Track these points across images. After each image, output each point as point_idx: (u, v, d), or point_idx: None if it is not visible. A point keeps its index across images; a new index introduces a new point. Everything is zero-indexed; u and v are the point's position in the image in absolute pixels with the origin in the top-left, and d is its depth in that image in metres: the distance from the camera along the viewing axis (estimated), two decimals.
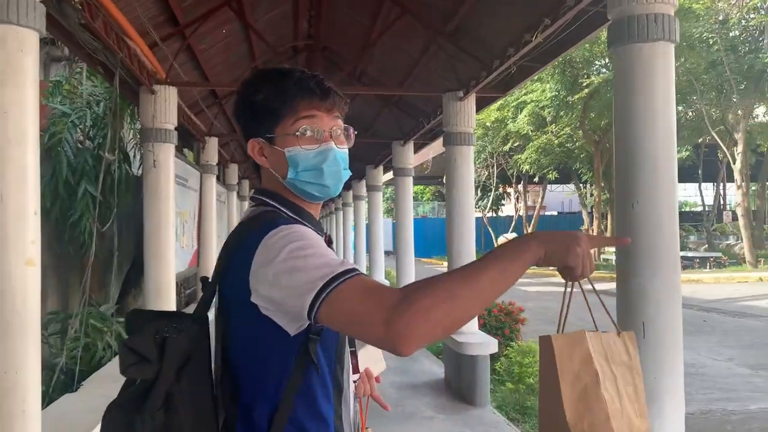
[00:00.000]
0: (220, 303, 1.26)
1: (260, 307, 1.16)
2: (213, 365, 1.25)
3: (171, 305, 5.95)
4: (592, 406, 1.18)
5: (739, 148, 21.94)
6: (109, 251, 6.42)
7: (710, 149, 30.96)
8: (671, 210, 3.00)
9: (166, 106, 5.91)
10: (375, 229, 12.87)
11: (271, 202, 1.33)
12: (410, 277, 9.78)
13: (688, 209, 52.83)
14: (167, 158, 5.95)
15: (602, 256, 27.30)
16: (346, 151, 1.38)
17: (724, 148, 22.83)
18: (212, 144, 9.20)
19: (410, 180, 10.20)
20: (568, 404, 1.18)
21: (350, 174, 1.40)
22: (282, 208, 1.32)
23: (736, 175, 22.35)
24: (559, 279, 1.20)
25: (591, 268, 1.17)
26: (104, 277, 7.61)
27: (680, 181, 26.14)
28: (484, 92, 6.43)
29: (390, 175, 11.88)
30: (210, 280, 1.29)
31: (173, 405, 1.13)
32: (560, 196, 50.89)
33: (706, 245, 31.31)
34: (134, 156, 7.97)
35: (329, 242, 1.53)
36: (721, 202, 37.93)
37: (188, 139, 9.53)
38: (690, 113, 27.04)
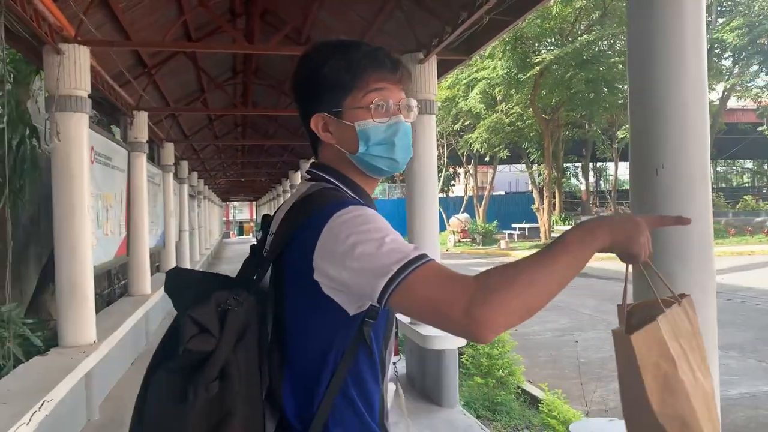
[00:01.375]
0: (276, 276, 1.25)
1: (322, 285, 1.16)
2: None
3: (88, 302, 5.10)
4: (674, 390, 1.22)
5: None
6: (23, 241, 5.52)
7: None
8: (704, 176, 2.37)
9: (76, 69, 5.00)
10: None
11: (330, 179, 1.33)
12: None
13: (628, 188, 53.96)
14: (79, 131, 5.06)
15: (553, 234, 27.31)
16: (410, 125, 1.36)
17: None
18: (141, 119, 8.24)
19: None
20: (653, 396, 1.21)
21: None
22: (341, 186, 1.32)
23: None
24: (512, 259, 1.14)
25: (650, 252, 1.19)
26: (19, 271, 6.68)
27: (625, 159, 26.08)
28: (447, 54, 5.81)
29: None
30: (264, 252, 1.30)
31: (228, 377, 1.11)
32: (508, 176, 51.02)
33: None
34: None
35: None
36: None
37: (115, 115, 8.54)
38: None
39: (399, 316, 1.43)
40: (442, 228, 34.17)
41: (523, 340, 8.45)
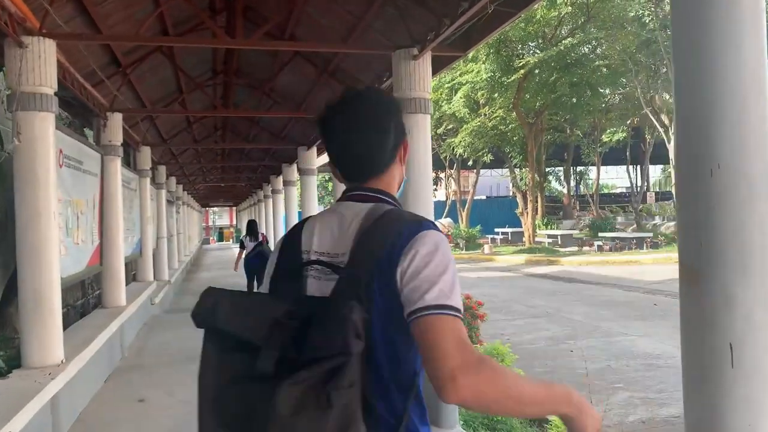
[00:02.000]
0: (360, 286, 1.33)
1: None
2: None
3: (54, 318, 4.67)
4: None
5: (673, 129, 21.94)
6: None
7: (634, 131, 31.39)
8: (766, 177, 2.05)
9: (41, 64, 4.58)
10: (291, 220, 13.25)
11: (393, 203, 1.50)
12: None
13: (607, 191, 54.20)
14: (44, 132, 4.64)
15: (536, 238, 27.16)
16: None
17: (667, 126, 22.67)
18: (116, 121, 7.79)
19: (314, 178, 11.03)
20: None
21: None
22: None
23: (671, 154, 22.35)
24: (497, 264, 7.93)
25: None
26: None
27: (606, 164, 26.14)
28: (442, 50, 5.54)
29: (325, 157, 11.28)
30: (344, 265, 1.37)
31: (355, 384, 1.20)
32: (488, 180, 50.91)
33: (635, 225, 31.79)
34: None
35: (265, 241, 8.51)
36: (645, 184, 38.60)
37: (88, 117, 8.09)
38: (617, 96, 27.19)
39: None
40: None
41: (515, 350, 8.13)
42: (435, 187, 41.48)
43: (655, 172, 53.10)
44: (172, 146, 13.89)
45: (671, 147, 22.07)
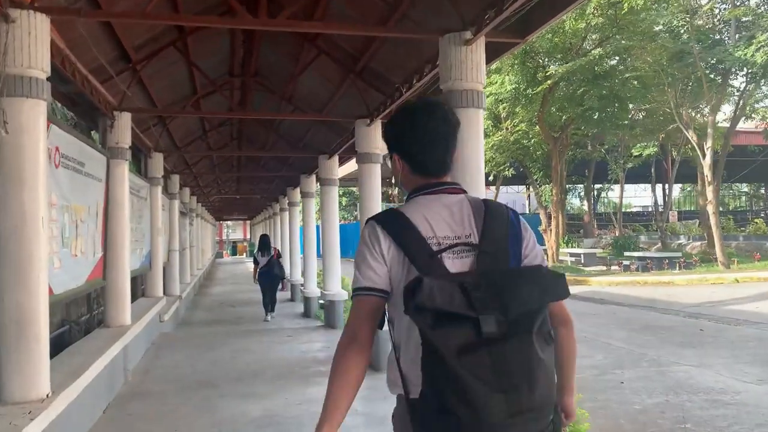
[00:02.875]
0: (504, 255, 1.73)
1: None
2: None
3: (39, 344, 3.93)
4: None
5: (708, 143, 21.02)
6: None
7: (659, 148, 30.47)
8: None
9: (30, 42, 3.89)
10: (308, 232, 13.50)
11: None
12: (337, 276, 10.95)
13: (625, 210, 52.97)
14: (34, 122, 3.94)
15: (559, 257, 26.24)
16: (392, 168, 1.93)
17: (695, 143, 21.74)
18: (124, 121, 7.10)
19: (335, 189, 11.41)
20: None
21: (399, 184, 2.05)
22: None
23: (706, 171, 21.41)
24: None
25: None
26: None
27: (627, 182, 25.16)
28: (497, 36, 4.88)
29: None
30: (477, 243, 1.72)
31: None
32: (504, 198, 49.96)
33: (659, 245, 30.72)
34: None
35: (277, 255, 13.13)
36: (669, 202, 37.53)
37: (94, 117, 7.42)
38: (641, 112, 26.27)
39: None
40: None
41: None
42: None
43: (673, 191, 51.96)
44: (186, 154, 13.24)
45: (705, 162, 21.14)
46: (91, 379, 5.08)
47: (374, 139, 7.74)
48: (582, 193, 43.15)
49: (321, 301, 11.62)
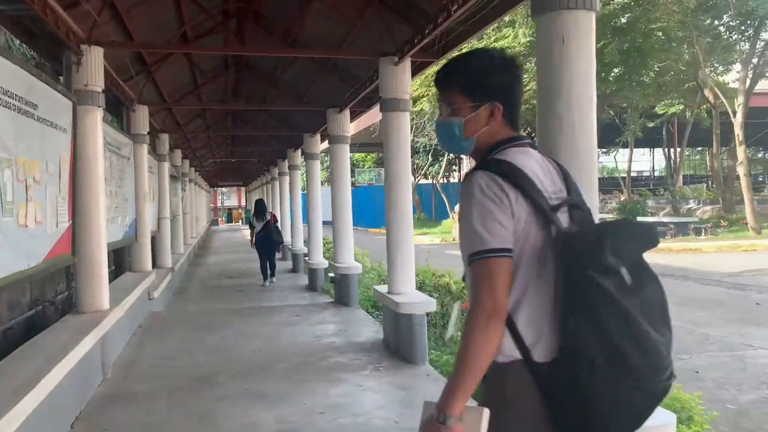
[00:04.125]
0: (591, 214, 1.78)
1: None
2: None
3: None
4: None
5: (739, 99, 19.62)
6: None
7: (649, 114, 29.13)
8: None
9: None
10: (313, 198, 12.21)
11: None
12: (349, 247, 9.62)
13: (623, 175, 51.51)
14: None
15: None
16: (446, 121, 1.80)
17: (724, 101, 20.24)
18: (94, 58, 5.66)
19: (347, 147, 10.00)
20: None
21: (448, 134, 1.82)
22: None
23: (737, 130, 20.04)
24: None
25: None
26: None
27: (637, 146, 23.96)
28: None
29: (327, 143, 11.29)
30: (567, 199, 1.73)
31: None
32: None
33: (667, 210, 29.57)
34: None
35: (274, 220, 13.03)
36: (680, 166, 36.21)
37: (55, 51, 5.98)
38: (654, 71, 24.79)
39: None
40: (446, 216, 31.83)
41: None
42: (455, 167, 39.32)
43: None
44: (176, 107, 11.77)
45: (737, 121, 19.76)
46: (53, 386, 3.81)
47: (403, 81, 6.51)
48: None
49: (331, 275, 10.31)
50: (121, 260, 9.61)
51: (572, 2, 3.24)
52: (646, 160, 55.60)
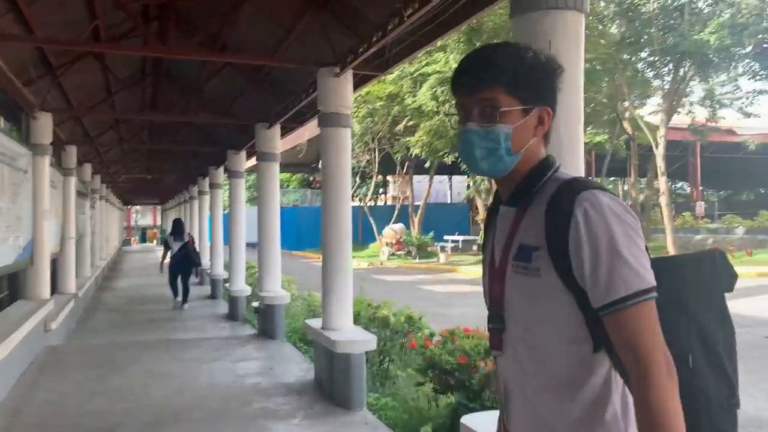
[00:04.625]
0: None
1: None
2: None
3: None
4: None
5: (661, 132, 20.24)
6: None
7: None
8: None
9: None
10: (236, 220, 11.47)
11: None
12: (276, 274, 8.84)
13: None
14: None
15: None
16: (485, 128, 1.37)
17: (647, 133, 20.81)
18: None
19: (276, 165, 9.33)
20: None
21: (493, 155, 1.38)
22: None
23: (659, 162, 20.62)
24: (463, 276, 7.74)
25: None
26: None
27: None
28: (362, 69, 6.00)
29: (254, 161, 11.17)
30: None
31: None
32: (436, 186, 48.87)
33: None
34: None
35: (192, 242, 12.26)
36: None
37: None
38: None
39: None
40: (373, 239, 31.33)
41: None
42: (382, 190, 39.05)
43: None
44: (85, 118, 10.76)
45: (659, 152, 20.34)
46: None
47: (344, 94, 5.96)
48: None
49: (255, 304, 9.50)
50: (15, 286, 8.48)
51: (561, 2, 2.91)
52: None
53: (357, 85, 6.39)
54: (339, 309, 5.77)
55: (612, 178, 51.17)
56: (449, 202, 44.37)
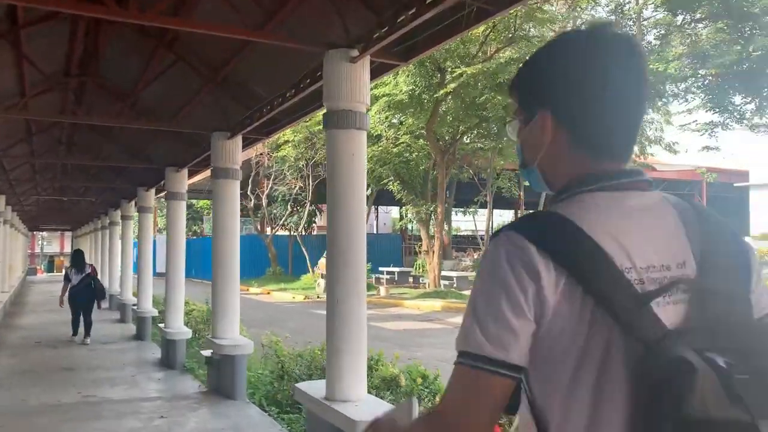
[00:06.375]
0: (745, 306, 1.05)
1: None
2: None
3: None
4: None
5: None
6: None
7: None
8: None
9: None
10: (176, 244, 10.61)
11: None
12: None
13: (456, 233, 52.96)
14: None
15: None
16: (521, 138, 1.21)
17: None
18: None
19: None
20: None
21: (522, 170, 1.23)
22: None
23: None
24: (409, 311, 6.86)
25: None
26: None
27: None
28: (381, 56, 4.90)
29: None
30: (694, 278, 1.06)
31: None
32: (370, 217, 47.82)
33: None
34: None
35: (94, 273, 11.94)
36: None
37: None
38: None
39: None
40: (305, 270, 29.61)
41: None
42: (315, 219, 37.49)
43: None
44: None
45: None
46: None
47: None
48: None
49: (206, 353, 7.70)
50: None
51: (348, 123, 4.24)
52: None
53: (247, 145, 8.22)
54: (352, 372, 4.26)
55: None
56: (375, 232, 43.54)
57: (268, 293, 26.64)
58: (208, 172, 19.06)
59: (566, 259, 0.97)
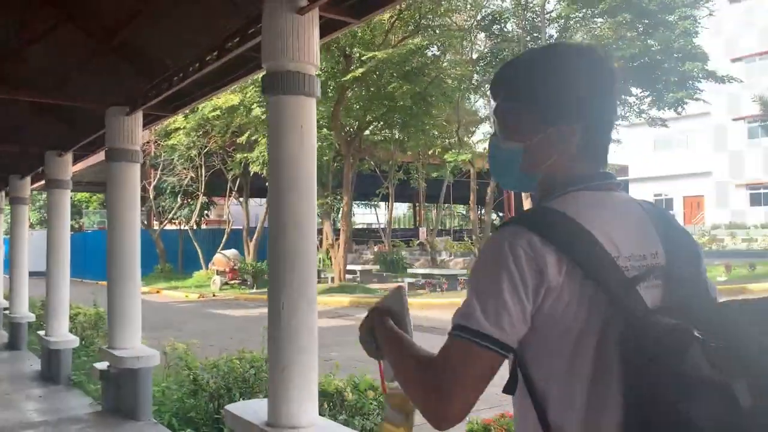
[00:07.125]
0: (705, 290, 1.26)
1: None
2: None
3: None
4: None
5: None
6: None
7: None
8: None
9: None
10: (18, 248, 10.69)
11: None
12: (134, 323, 6.21)
13: (355, 227, 52.82)
14: None
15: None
16: (498, 138, 1.32)
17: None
18: None
19: (68, 193, 9.15)
20: None
21: (503, 162, 1.32)
22: None
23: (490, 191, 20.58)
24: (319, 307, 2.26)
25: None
26: None
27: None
28: (153, 110, 6.32)
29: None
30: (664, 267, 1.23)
31: None
32: (257, 209, 46.00)
33: (422, 261, 29.86)
34: None
35: None
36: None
37: None
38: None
39: None
40: (197, 266, 27.99)
41: None
42: (208, 212, 35.64)
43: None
44: None
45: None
46: None
47: (134, 132, 6.34)
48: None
49: (101, 366, 6.48)
50: None
51: (296, 88, 3.46)
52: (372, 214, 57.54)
53: (148, 124, 7.20)
54: (303, 390, 3.43)
55: (454, 205, 52.34)
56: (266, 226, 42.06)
57: (158, 292, 24.84)
58: (90, 161, 17.43)
59: (568, 248, 1.09)
